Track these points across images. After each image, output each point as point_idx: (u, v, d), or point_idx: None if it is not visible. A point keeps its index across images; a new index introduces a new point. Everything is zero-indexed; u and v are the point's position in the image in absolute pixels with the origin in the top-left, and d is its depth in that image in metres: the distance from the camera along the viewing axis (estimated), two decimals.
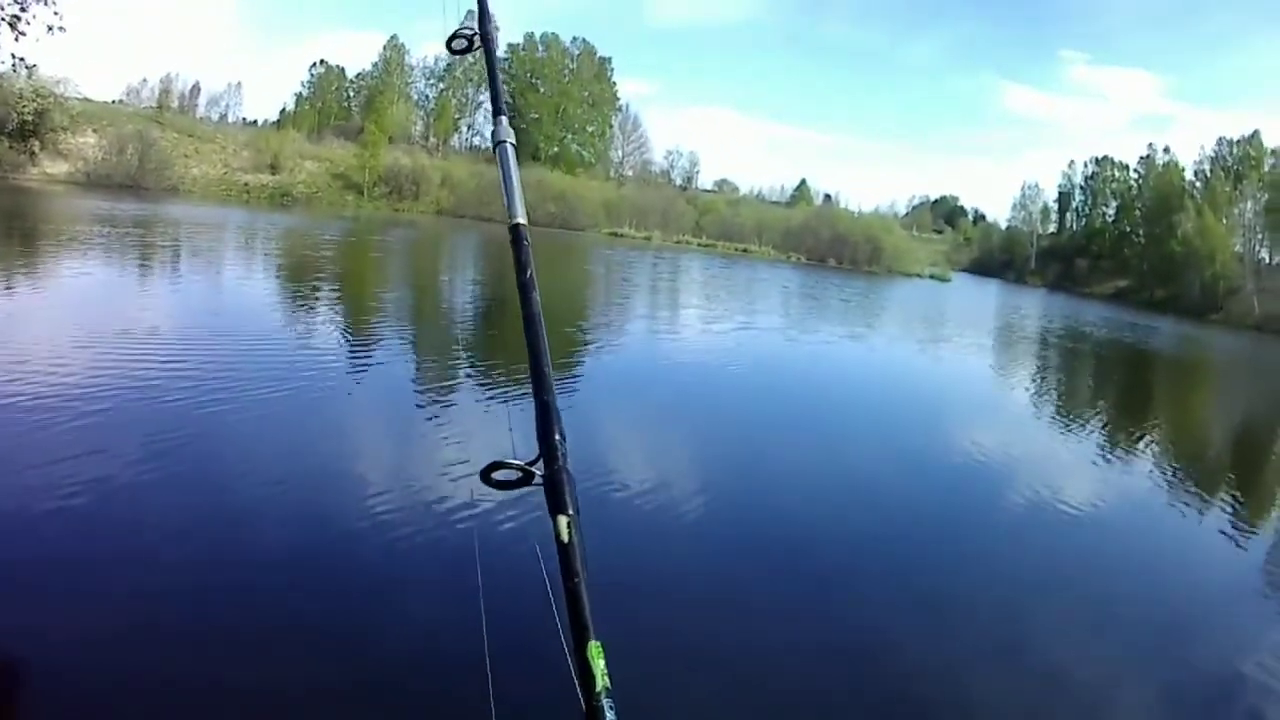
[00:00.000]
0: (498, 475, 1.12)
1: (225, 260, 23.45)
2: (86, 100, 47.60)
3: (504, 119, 1.54)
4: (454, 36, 1.61)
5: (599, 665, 1.01)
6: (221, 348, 11.19)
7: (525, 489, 1.13)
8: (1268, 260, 65.67)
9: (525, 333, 1.28)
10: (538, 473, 1.13)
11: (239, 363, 10.41)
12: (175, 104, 64.90)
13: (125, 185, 40.42)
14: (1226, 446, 16.37)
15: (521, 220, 1.42)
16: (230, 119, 69.63)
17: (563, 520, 1.09)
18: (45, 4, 9.01)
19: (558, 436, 1.16)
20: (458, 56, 1.65)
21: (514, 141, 1.50)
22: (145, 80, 69.52)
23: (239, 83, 72.33)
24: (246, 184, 47.79)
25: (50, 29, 8.95)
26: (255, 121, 69.70)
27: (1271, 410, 23.33)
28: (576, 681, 1.01)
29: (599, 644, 1.02)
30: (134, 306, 14.08)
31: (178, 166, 45.01)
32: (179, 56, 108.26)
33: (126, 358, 9.87)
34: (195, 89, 71.83)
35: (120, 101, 61.00)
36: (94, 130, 43.24)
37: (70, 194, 34.96)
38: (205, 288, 17.49)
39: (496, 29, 1.63)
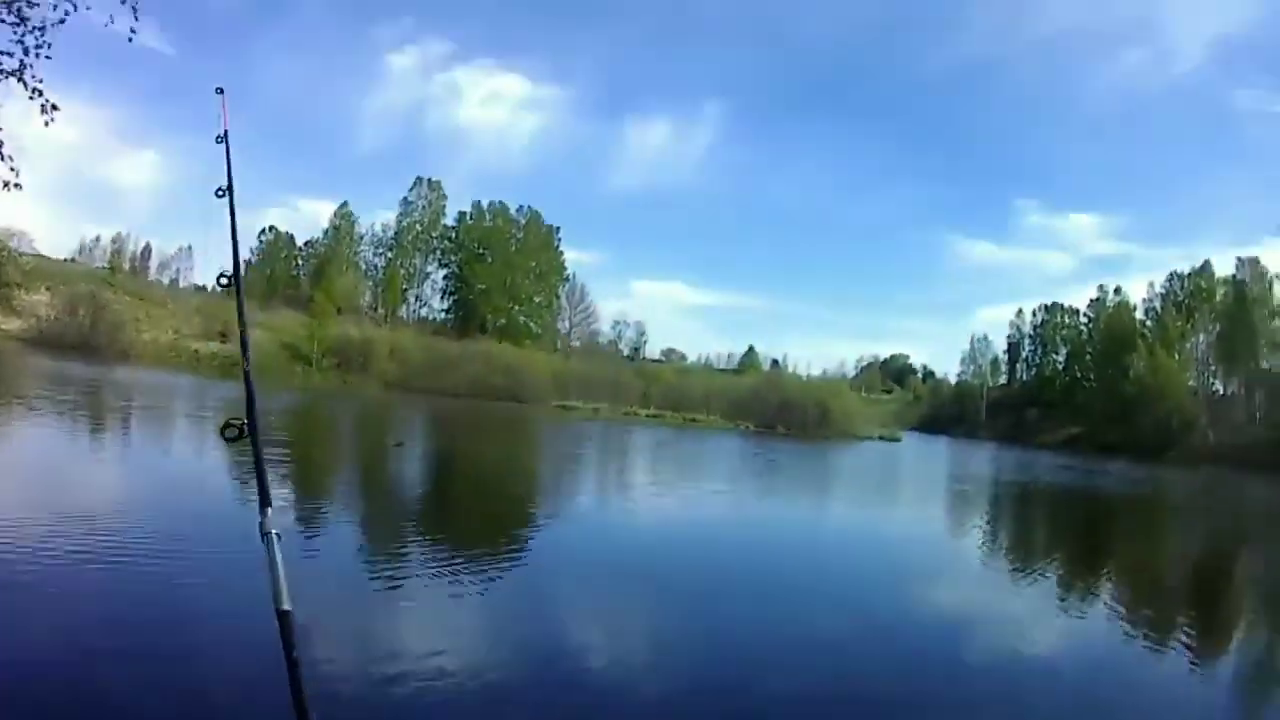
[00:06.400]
0: None
1: (166, 432, 22.49)
2: (40, 256, 48.41)
3: (270, 509, 1.71)
4: (226, 425, 1.84)
5: None
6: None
7: None
8: (1221, 391, 64.61)
9: None
10: None
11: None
12: (127, 265, 65.94)
13: (76, 346, 40.68)
14: (1178, 586, 16.14)
15: (288, 607, 1.56)
16: (181, 283, 69.99)
17: None
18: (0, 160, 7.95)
19: None
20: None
21: (279, 533, 1.66)
22: (98, 239, 70.18)
23: (189, 246, 72.42)
24: (196, 351, 48.21)
25: (5, 185, 7.89)
26: (205, 286, 70.53)
27: (1220, 545, 22.86)
28: None
29: None
30: (74, 478, 13.71)
31: (129, 330, 45.61)
32: (131, 214, 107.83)
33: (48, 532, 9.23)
34: (147, 250, 72.88)
35: (73, 260, 61.84)
36: (47, 288, 43.80)
37: (22, 352, 35.05)
38: (134, 464, 16.54)
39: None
